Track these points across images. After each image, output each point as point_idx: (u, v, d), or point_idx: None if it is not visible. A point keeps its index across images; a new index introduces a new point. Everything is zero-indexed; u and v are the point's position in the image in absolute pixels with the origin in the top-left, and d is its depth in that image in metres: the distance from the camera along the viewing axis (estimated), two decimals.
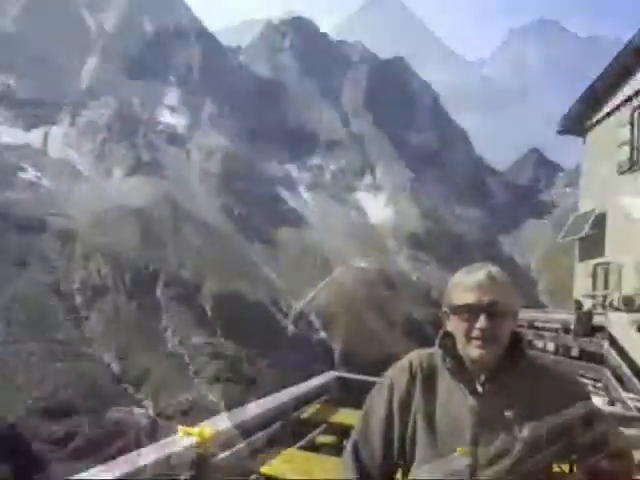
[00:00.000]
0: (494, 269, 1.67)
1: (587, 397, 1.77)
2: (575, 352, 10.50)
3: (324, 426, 6.68)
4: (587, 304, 13.31)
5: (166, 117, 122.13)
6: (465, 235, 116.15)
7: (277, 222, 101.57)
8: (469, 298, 1.63)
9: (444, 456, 1.62)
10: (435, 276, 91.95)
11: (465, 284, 1.66)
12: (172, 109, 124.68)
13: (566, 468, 1.86)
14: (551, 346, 11.87)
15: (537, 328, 12.19)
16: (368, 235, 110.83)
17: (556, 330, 11.12)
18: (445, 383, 1.70)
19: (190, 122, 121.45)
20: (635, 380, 7.46)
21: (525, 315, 13.13)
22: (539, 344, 12.30)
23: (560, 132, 16.96)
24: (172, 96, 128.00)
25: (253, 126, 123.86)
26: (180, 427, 3.60)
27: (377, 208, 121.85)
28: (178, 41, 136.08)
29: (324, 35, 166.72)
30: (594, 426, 1.69)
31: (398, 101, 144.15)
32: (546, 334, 11.67)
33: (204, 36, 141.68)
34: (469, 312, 1.63)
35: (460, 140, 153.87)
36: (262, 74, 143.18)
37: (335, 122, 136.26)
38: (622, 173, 13.59)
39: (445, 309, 1.73)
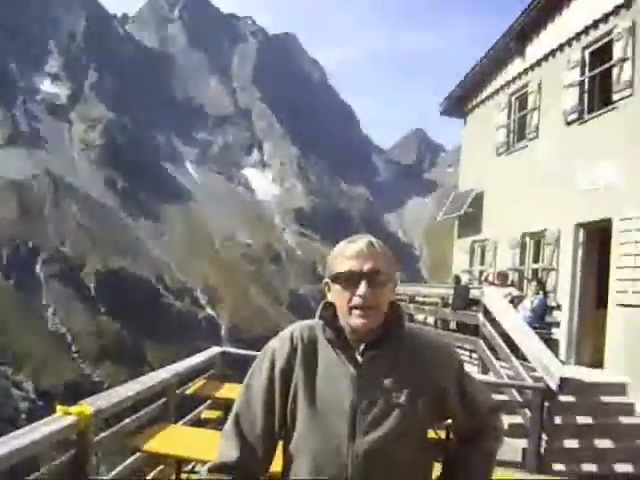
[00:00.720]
0: (374, 239, 1.72)
1: (461, 364, 1.86)
2: (453, 325, 11.02)
3: (209, 401, 6.70)
4: (465, 279, 13.94)
5: (46, 86, 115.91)
6: (350, 212, 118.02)
7: (162, 197, 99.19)
8: (350, 265, 1.67)
9: (325, 425, 1.65)
10: (320, 251, 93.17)
11: (346, 253, 1.70)
12: (53, 77, 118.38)
13: (442, 434, 1.99)
14: (431, 319, 12.38)
15: (418, 302, 12.65)
16: (255, 211, 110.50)
17: (436, 304, 11.60)
18: (325, 353, 1.72)
19: (72, 92, 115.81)
20: (506, 349, 7.92)
21: (407, 289, 13.60)
22: (420, 317, 12.81)
23: (442, 113, 17.51)
24: (53, 64, 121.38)
25: (139, 98, 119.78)
26: (59, 407, 3.51)
27: (264, 184, 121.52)
28: (61, 7, 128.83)
29: (214, 8, 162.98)
30: (467, 392, 1.81)
31: (287, 77, 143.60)
32: (426, 308, 12.14)
33: (89, 2, 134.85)
34: (350, 280, 1.67)
35: (347, 118, 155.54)
36: (149, 44, 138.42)
37: (223, 97, 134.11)
38: (499, 155, 14.27)
39: (326, 280, 1.76)
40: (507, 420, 7.02)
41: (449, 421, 1.87)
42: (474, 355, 9.46)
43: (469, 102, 16.31)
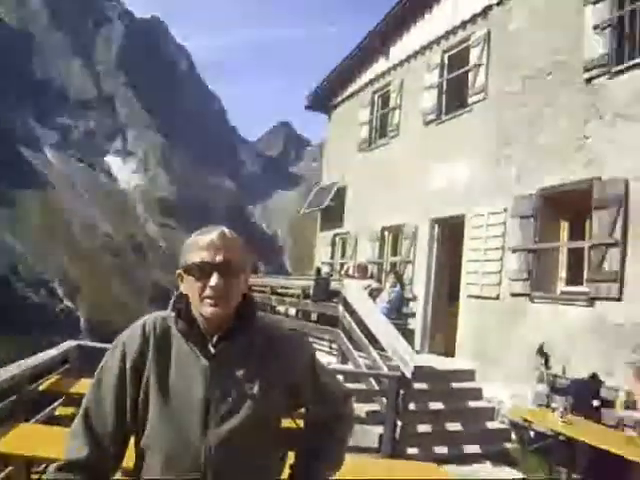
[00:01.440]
0: (227, 230, 1.71)
1: (313, 355, 1.88)
2: (314, 316, 11.18)
3: (63, 398, 6.40)
4: (326, 271, 14.20)
5: None
6: (215, 203, 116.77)
7: (18, 183, 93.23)
8: (202, 257, 1.65)
9: (176, 419, 1.62)
10: (183, 243, 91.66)
11: (198, 244, 1.68)
12: None
13: (301, 423, 2.02)
14: (293, 311, 12.50)
15: (280, 294, 12.72)
16: (117, 200, 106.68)
17: (297, 296, 11.72)
18: (179, 345, 1.69)
19: None
20: (365, 340, 8.15)
21: (269, 281, 13.66)
22: (282, 309, 12.90)
23: (308, 108, 17.70)
24: None
25: None
26: None
27: (127, 173, 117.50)
28: None
29: None
30: (319, 381, 1.84)
31: (153, 64, 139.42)
32: (288, 299, 12.24)
33: None
34: (202, 271, 1.65)
35: (215, 108, 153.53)
36: (7, 22, 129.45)
37: (86, 80, 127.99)
38: (361, 150, 14.65)
39: (179, 271, 1.73)
40: (365, 408, 7.24)
41: (303, 410, 1.89)
42: (334, 346, 9.66)
43: (334, 98, 16.59)
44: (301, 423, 1.96)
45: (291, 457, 1.88)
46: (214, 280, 1.63)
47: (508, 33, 10.06)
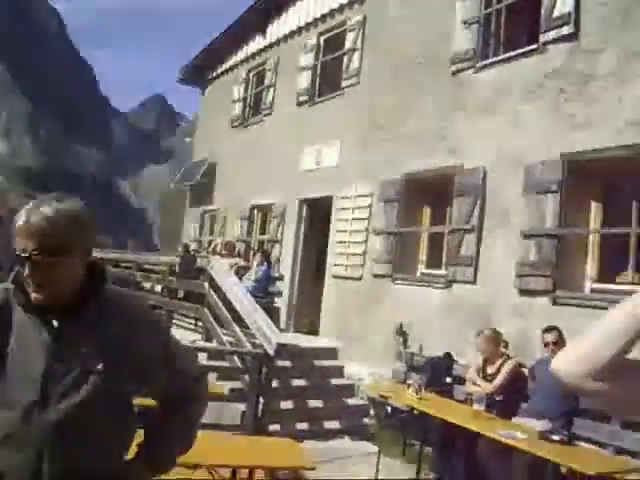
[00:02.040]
0: (45, 208, 1.55)
1: (167, 331, 1.84)
2: (181, 293, 11.00)
3: None
4: (194, 248, 14.00)
5: None
6: (83, 174, 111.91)
7: None
8: (17, 244, 1.53)
9: (14, 394, 1.53)
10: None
11: (15, 228, 1.54)
12: None
13: (152, 402, 1.95)
14: (159, 287, 12.24)
15: (146, 270, 12.42)
16: None
17: (164, 272, 11.49)
18: (20, 318, 1.59)
19: None
20: (229, 317, 8.13)
21: (135, 257, 13.30)
22: (147, 285, 12.60)
23: (181, 81, 17.28)
24: None
25: None
26: None
27: None
28: None
29: None
30: (171, 358, 1.79)
31: (20, 25, 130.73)
32: (154, 276, 11.98)
33: None
34: (20, 258, 1.54)
35: (86, 75, 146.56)
36: None
37: None
38: (234, 127, 14.50)
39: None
40: (228, 385, 7.23)
41: (154, 387, 1.82)
42: (199, 323, 9.57)
43: (210, 73, 16.29)
44: (152, 402, 1.90)
45: (140, 435, 1.82)
46: (27, 271, 1.53)
47: (383, 20, 10.26)
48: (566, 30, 7.19)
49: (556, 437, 4.84)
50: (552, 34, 7.36)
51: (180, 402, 1.84)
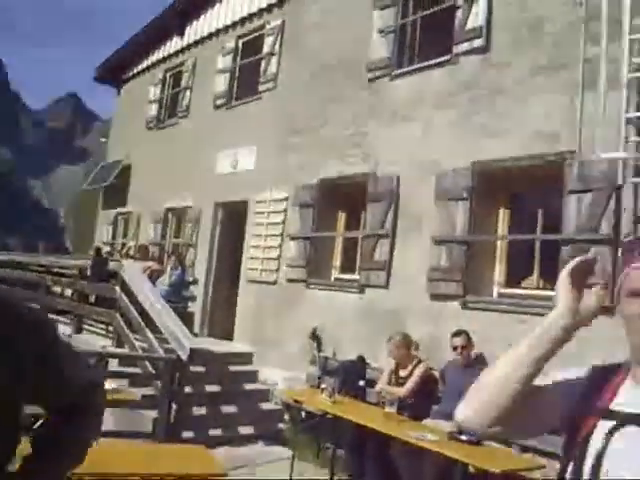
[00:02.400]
0: None
1: (53, 334, 1.70)
2: (92, 298, 10.69)
3: None
4: (107, 251, 13.64)
5: None
6: None
7: None
8: None
9: None
10: None
11: None
12: None
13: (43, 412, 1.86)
14: (69, 292, 11.85)
15: (56, 274, 12.00)
16: None
17: (74, 276, 11.13)
18: None
19: None
20: (141, 322, 7.97)
21: (44, 260, 12.86)
22: (57, 289, 12.18)
23: (96, 80, 16.86)
24: None
25: None
26: None
27: None
28: None
29: None
30: (59, 364, 1.67)
31: None
32: (64, 280, 11.59)
33: None
34: None
35: None
36: None
37: None
38: (149, 129, 14.25)
39: None
40: (140, 392, 7.10)
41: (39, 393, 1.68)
42: (110, 328, 9.33)
43: (126, 72, 15.94)
44: (42, 412, 1.79)
45: (27, 446, 1.72)
46: None
47: (302, 26, 10.32)
48: (478, 43, 7.42)
49: (464, 437, 5.00)
50: (464, 46, 7.58)
51: (69, 412, 1.72)
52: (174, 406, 6.73)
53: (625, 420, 1.30)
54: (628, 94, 5.53)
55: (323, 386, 6.56)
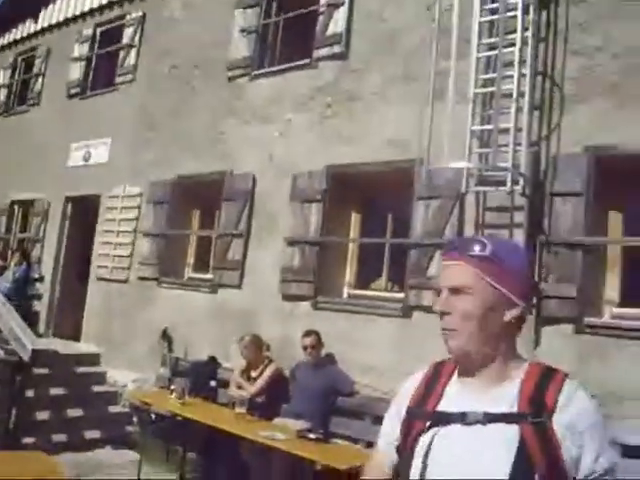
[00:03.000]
0: None
1: None
2: None
3: None
4: None
5: None
6: None
7: None
8: None
9: None
10: None
11: None
12: None
13: None
14: None
15: None
16: None
17: None
18: None
19: None
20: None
21: None
22: None
23: None
24: None
25: None
26: None
27: None
28: None
29: None
30: None
31: None
32: None
33: None
34: None
35: None
36: None
37: None
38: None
39: None
40: None
41: None
42: None
43: None
44: None
45: None
46: None
47: (163, 20, 10.07)
48: (337, 49, 7.55)
49: (312, 436, 5.08)
50: (324, 51, 7.69)
51: None
52: (14, 411, 6.37)
53: (448, 420, 1.39)
54: (474, 108, 5.86)
55: (173, 387, 6.46)
